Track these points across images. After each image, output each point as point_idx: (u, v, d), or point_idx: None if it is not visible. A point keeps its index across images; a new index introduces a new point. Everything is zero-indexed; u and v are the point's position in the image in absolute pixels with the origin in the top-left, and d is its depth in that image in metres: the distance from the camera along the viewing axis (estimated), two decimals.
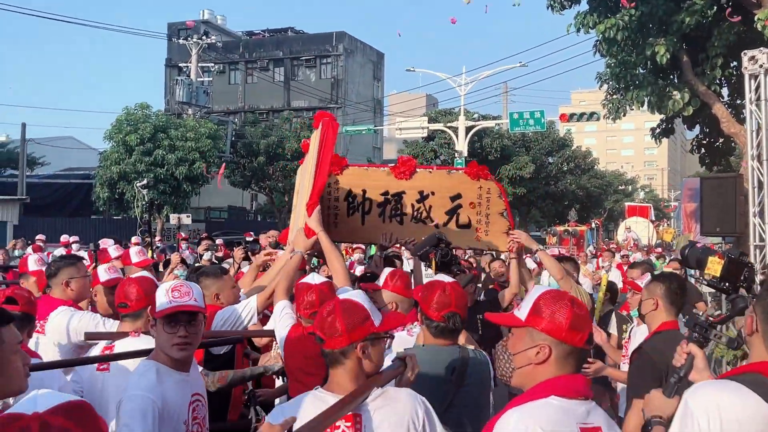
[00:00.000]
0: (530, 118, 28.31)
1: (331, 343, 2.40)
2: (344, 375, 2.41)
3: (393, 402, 2.44)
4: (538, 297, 2.16)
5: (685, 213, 21.65)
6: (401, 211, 5.53)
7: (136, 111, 29.71)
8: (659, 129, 16.51)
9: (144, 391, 2.74)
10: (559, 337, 2.10)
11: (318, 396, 2.41)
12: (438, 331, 3.18)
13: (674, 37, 12.24)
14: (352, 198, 5.53)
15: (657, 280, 4.12)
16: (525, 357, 2.15)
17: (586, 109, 34.09)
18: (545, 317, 2.12)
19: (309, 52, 51.37)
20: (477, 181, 5.55)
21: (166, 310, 2.83)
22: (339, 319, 2.39)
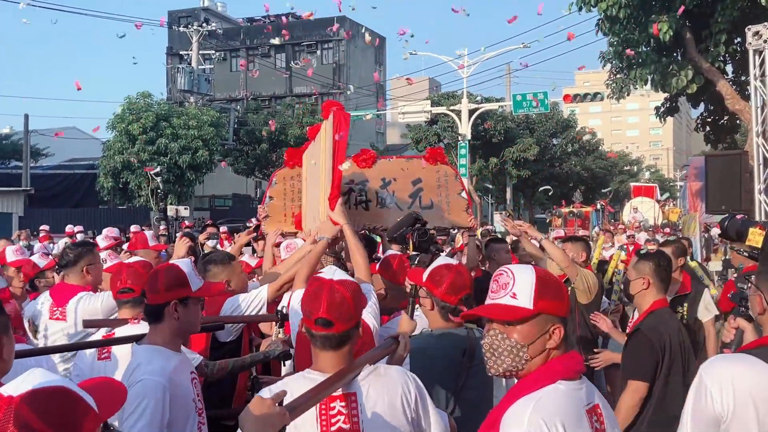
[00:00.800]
0: (534, 99, 28.14)
1: (343, 325, 2.35)
2: (335, 357, 2.37)
3: (385, 379, 2.42)
4: (535, 280, 2.07)
5: (690, 192, 21.49)
6: (366, 198, 5.65)
7: (138, 100, 29.68)
8: (663, 108, 16.38)
9: (154, 375, 2.73)
10: (563, 313, 2.08)
11: (307, 376, 2.38)
12: (453, 314, 3.14)
13: (677, 13, 12.09)
14: None
15: (645, 259, 4.10)
16: (540, 344, 2.05)
17: (591, 89, 33.87)
18: (551, 298, 2.06)
19: (310, 37, 51.11)
20: (435, 165, 5.82)
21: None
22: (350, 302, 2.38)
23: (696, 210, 20.84)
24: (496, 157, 40.15)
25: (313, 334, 2.36)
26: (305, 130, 36.18)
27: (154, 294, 2.91)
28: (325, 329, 2.33)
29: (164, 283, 2.89)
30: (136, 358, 2.88)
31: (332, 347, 2.36)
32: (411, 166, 5.85)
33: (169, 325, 2.91)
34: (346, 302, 2.35)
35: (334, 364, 2.36)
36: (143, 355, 2.86)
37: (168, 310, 2.88)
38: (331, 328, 2.33)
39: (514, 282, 2.08)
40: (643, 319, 3.95)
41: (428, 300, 3.18)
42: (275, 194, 5.64)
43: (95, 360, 3.72)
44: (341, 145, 4.44)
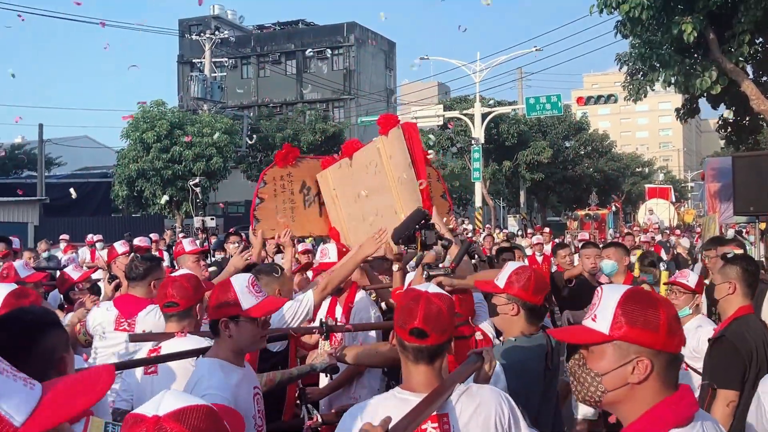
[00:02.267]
0: (547, 102, 28.09)
1: (439, 337, 2.28)
2: (428, 372, 2.30)
3: (478, 399, 2.34)
4: (619, 301, 1.80)
5: (709, 193, 21.28)
6: None
7: (152, 108, 29.76)
8: (683, 110, 16.24)
9: (216, 390, 2.69)
10: (658, 345, 1.76)
11: (398, 396, 2.30)
12: (536, 315, 3.10)
13: (700, 14, 11.97)
14: (308, 190, 5.48)
15: (732, 263, 3.95)
16: (618, 377, 1.78)
17: (599, 92, 33.75)
18: (637, 325, 1.77)
19: (320, 43, 51.22)
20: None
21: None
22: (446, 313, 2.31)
23: (715, 211, 20.67)
24: (510, 160, 40.05)
25: (406, 346, 2.29)
26: (317, 135, 36.42)
27: (209, 310, 2.96)
28: (420, 340, 2.26)
29: (215, 301, 2.92)
30: (198, 372, 2.86)
31: (425, 360, 2.29)
32: None
33: (226, 342, 2.90)
34: (443, 314, 2.29)
35: (426, 381, 2.29)
36: (205, 368, 2.84)
37: (220, 327, 2.88)
38: (426, 340, 2.26)
39: (599, 302, 1.86)
40: (728, 325, 3.82)
41: (510, 305, 3.08)
42: (265, 195, 5.39)
43: (142, 375, 3.66)
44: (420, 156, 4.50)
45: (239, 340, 2.89)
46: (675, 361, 1.80)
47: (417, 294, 2.32)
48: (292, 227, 5.30)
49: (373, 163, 5.02)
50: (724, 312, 3.94)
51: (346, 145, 5.55)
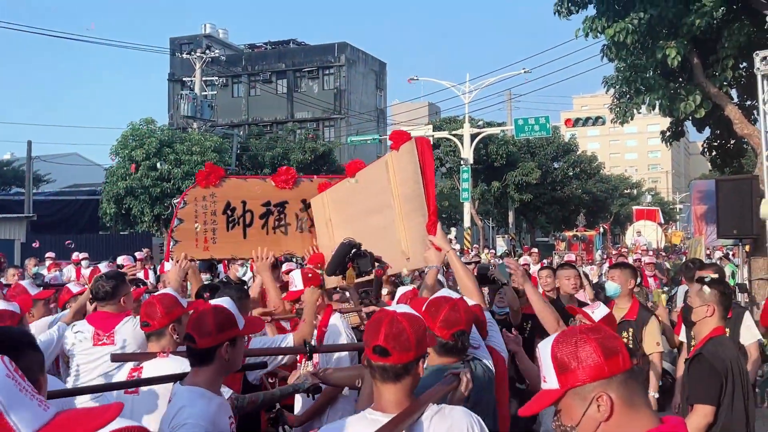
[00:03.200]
0: (535, 123, 28.27)
1: (401, 356, 2.27)
2: (397, 392, 2.29)
3: (449, 421, 2.33)
4: (551, 353, 1.82)
5: (695, 215, 21.49)
6: (285, 221, 5.37)
7: (141, 126, 29.77)
8: (669, 132, 16.40)
9: (197, 419, 2.68)
10: (605, 374, 1.76)
11: (369, 417, 2.29)
12: (445, 350, 3.02)
13: (684, 39, 12.13)
14: (232, 211, 5.29)
15: (710, 286, 4.06)
16: (589, 421, 1.78)
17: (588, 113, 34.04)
18: (577, 367, 1.77)
19: (311, 63, 51.46)
20: None
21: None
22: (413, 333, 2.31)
23: (701, 233, 20.85)
24: (499, 180, 40.23)
25: (372, 365, 2.30)
26: (307, 155, 36.50)
27: (205, 337, 2.82)
28: (383, 358, 2.26)
29: (216, 325, 2.83)
30: (180, 400, 2.82)
31: (391, 379, 2.28)
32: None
33: (217, 367, 2.85)
34: (406, 333, 2.28)
35: (396, 401, 2.29)
36: (187, 397, 2.81)
37: (220, 352, 2.83)
38: (388, 358, 2.26)
39: (541, 361, 1.87)
40: (704, 344, 3.94)
41: None
42: (185, 216, 5.20)
43: (121, 393, 3.65)
44: (430, 172, 4.30)
45: (233, 362, 2.88)
46: (630, 378, 1.78)
47: (384, 313, 2.34)
48: (212, 249, 5.14)
49: (379, 180, 4.78)
50: (700, 333, 4.06)
51: (351, 165, 5.42)
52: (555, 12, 13.89)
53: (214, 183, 5.25)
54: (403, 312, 2.37)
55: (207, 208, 5.22)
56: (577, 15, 13.84)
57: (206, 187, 5.24)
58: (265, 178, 5.58)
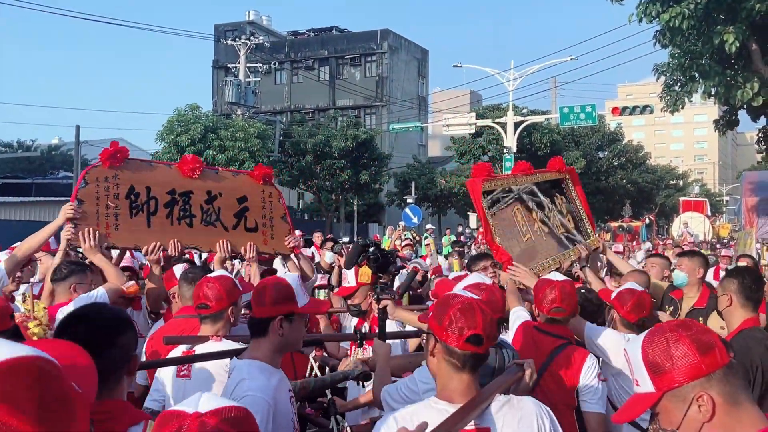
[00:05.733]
0: (581, 112, 27.78)
1: (489, 345, 2.26)
2: (469, 381, 2.24)
3: (520, 412, 2.28)
4: (642, 355, 1.74)
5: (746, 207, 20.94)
6: (190, 212, 5.05)
7: (186, 112, 30.07)
8: (722, 121, 15.96)
9: (258, 392, 2.62)
10: (703, 372, 1.67)
11: (434, 406, 2.23)
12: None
13: (743, 24, 11.75)
14: (135, 196, 4.88)
15: (730, 276, 3.96)
16: (691, 423, 1.68)
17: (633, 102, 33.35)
18: (672, 367, 1.69)
19: (353, 50, 51.42)
20: (261, 184, 5.38)
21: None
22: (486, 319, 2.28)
23: (752, 225, 20.28)
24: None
25: (456, 353, 2.21)
26: (349, 142, 36.53)
27: (260, 307, 2.85)
28: (476, 347, 2.20)
29: (271, 297, 2.83)
30: (240, 373, 2.77)
31: (470, 369, 2.23)
32: (237, 182, 5.35)
33: (273, 341, 2.83)
34: (493, 322, 2.26)
35: (466, 390, 2.23)
36: (246, 369, 2.76)
37: (273, 325, 2.81)
38: (481, 347, 2.21)
39: (631, 365, 1.79)
40: (732, 338, 3.75)
41: None
42: (86, 197, 4.70)
43: (175, 377, 3.63)
44: (582, 193, 5.57)
45: (290, 339, 2.86)
46: (730, 374, 1.68)
47: (469, 300, 2.27)
48: (113, 237, 4.71)
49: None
50: (730, 324, 3.91)
51: (519, 165, 5.75)
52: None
53: (118, 163, 4.81)
54: (479, 299, 2.31)
55: (109, 190, 4.77)
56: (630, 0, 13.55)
57: (110, 167, 4.78)
58: (170, 165, 5.23)
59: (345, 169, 36.20)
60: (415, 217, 24.23)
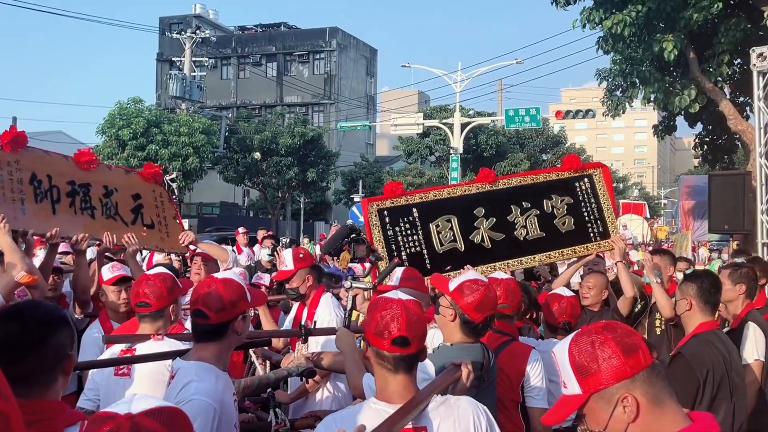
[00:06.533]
0: (526, 115, 28.20)
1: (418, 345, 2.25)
2: (406, 382, 2.25)
3: (456, 411, 2.30)
4: (569, 357, 1.76)
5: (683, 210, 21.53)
6: (90, 204, 5.05)
7: (129, 105, 29.42)
8: (661, 126, 16.41)
9: (204, 396, 2.55)
10: (627, 374, 1.70)
11: (373, 407, 2.24)
12: (473, 331, 3.10)
13: (681, 33, 12.10)
14: (38, 183, 4.80)
15: (689, 280, 4.01)
16: (617, 423, 1.72)
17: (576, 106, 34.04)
18: (598, 370, 1.71)
19: (302, 47, 51.15)
20: (152, 183, 5.41)
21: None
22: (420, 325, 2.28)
23: (688, 228, 20.91)
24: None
25: (385, 355, 2.23)
26: (296, 139, 36.31)
27: (220, 312, 2.69)
28: (402, 349, 2.21)
29: (230, 299, 2.71)
30: (186, 375, 2.67)
31: (403, 369, 2.24)
32: (130, 180, 5.39)
33: (227, 342, 2.75)
34: (421, 321, 2.26)
35: (404, 391, 2.24)
36: (195, 371, 2.66)
37: (234, 325, 2.72)
38: (408, 348, 2.21)
39: (558, 367, 1.81)
40: (686, 342, 3.85)
41: (450, 310, 3.11)
42: None
43: (111, 375, 3.55)
44: (612, 196, 5.73)
45: (242, 336, 2.81)
46: (653, 374, 1.73)
47: (393, 302, 2.27)
48: (21, 220, 4.57)
49: None
50: (687, 328, 3.99)
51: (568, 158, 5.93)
52: (552, 2, 13.83)
53: (20, 148, 4.71)
54: (408, 299, 2.31)
55: (13, 174, 4.66)
56: (574, 6, 13.81)
57: (12, 152, 4.66)
58: (67, 156, 5.14)
59: (292, 166, 35.97)
60: (362, 216, 24.19)
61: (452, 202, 5.51)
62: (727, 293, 4.64)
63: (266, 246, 9.65)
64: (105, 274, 4.72)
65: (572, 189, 5.73)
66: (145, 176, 5.40)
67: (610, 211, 5.71)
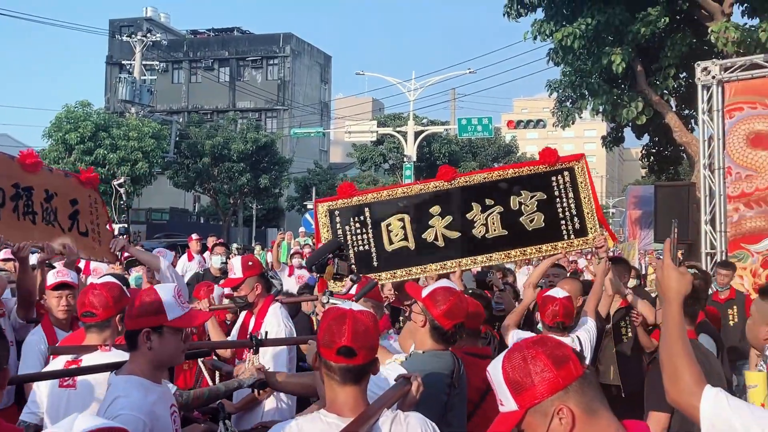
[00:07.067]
0: (478, 124, 28.49)
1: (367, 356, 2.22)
2: (355, 394, 2.23)
3: (405, 427, 2.29)
4: (502, 374, 1.78)
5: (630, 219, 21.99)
6: (33, 209, 4.90)
7: (77, 109, 28.78)
8: (609, 138, 16.78)
9: (132, 410, 2.52)
10: (560, 385, 1.73)
11: (323, 419, 2.22)
12: (442, 338, 3.12)
13: (629, 46, 12.40)
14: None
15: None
16: None
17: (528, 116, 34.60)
18: (532, 384, 1.74)
19: (255, 52, 50.80)
20: (88, 189, 5.31)
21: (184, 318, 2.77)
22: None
23: (635, 237, 21.39)
24: None
25: (332, 366, 2.20)
26: (249, 145, 35.97)
27: (129, 319, 2.74)
28: (348, 360, 2.18)
29: (137, 309, 2.70)
30: (115, 390, 2.66)
31: (352, 381, 2.21)
32: (68, 183, 5.20)
33: (145, 354, 2.70)
34: (370, 332, 2.23)
35: (353, 403, 2.22)
36: (122, 386, 2.65)
37: (140, 338, 2.69)
38: (354, 359, 2.18)
39: (494, 385, 1.82)
40: None
41: (421, 317, 3.14)
42: None
43: (56, 387, 3.45)
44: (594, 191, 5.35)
45: (160, 354, 2.71)
46: (585, 384, 1.76)
47: (342, 312, 2.25)
48: None
49: None
50: None
51: (547, 153, 5.57)
52: (504, 14, 14.02)
53: None
54: (360, 310, 2.29)
55: None
56: (525, 18, 14.02)
57: None
58: (12, 157, 4.98)
59: (244, 172, 35.62)
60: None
61: (407, 200, 5.38)
62: None
63: (217, 253, 9.50)
64: (49, 279, 4.67)
65: (548, 184, 5.34)
66: (83, 180, 5.22)
67: (590, 206, 5.27)
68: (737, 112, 9.99)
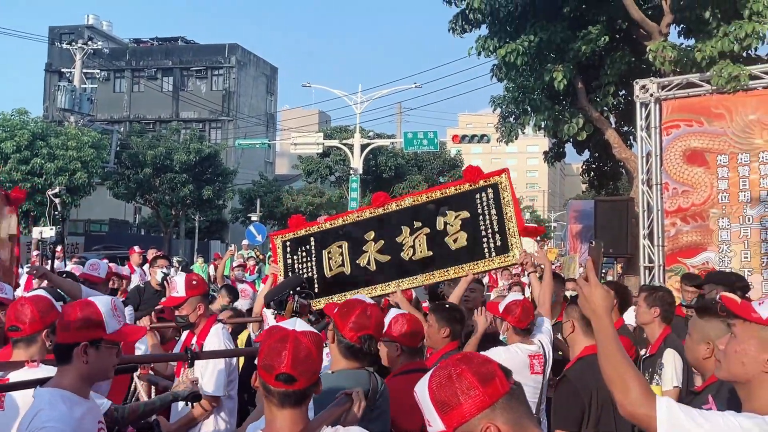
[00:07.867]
0: (424, 138, 28.75)
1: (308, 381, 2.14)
2: (294, 416, 2.16)
3: None
4: (429, 395, 1.75)
5: (571, 233, 22.40)
6: None
7: (13, 117, 27.95)
8: (551, 153, 17.08)
9: (57, 423, 2.42)
10: (487, 403, 1.71)
11: None
12: (351, 353, 3.00)
13: (571, 64, 12.66)
14: None
15: (574, 303, 4.00)
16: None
17: (473, 131, 35.02)
18: (458, 403, 1.71)
19: (200, 62, 50.18)
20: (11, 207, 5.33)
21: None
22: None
23: (576, 251, 21.79)
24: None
25: (271, 390, 2.12)
26: (192, 155, 35.41)
27: (63, 332, 2.64)
28: (287, 386, 2.10)
29: (76, 322, 2.61)
30: (39, 403, 2.55)
31: (291, 405, 2.13)
32: None
33: (78, 368, 2.62)
34: (311, 357, 2.14)
35: (291, 425, 2.14)
36: (46, 399, 2.55)
37: (77, 351, 2.60)
38: (294, 385, 2.10)
39: (422, 407, 1.79)
40: (572, 365, 3.85)
41: (331, 332, 3.06)
42: None
43: None
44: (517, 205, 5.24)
45: (96, 368, 2.64)
46: (512, 400, 1.73)
47: (284, 333, 2.16)
48: None
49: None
50: (573, 351, 3.98)
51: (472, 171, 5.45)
52: (449, 30, 14.17)
53: None
54: (303, 330, 2.20)
55: None
56: (470, 34, 14.19)
57: None
58: None
59: (187, 183, 35.04)
60: (259, 235, 23.84)
61: (346, 228, 5.51)
62: (642, 316, 4.70)
63: (159, 266, 9.21)
64: None
65: (472, 202, 5.23)
66: (12, 198, 5.11)
67: (512, 222, 5.11)
68: (674, 129, 10.25)
